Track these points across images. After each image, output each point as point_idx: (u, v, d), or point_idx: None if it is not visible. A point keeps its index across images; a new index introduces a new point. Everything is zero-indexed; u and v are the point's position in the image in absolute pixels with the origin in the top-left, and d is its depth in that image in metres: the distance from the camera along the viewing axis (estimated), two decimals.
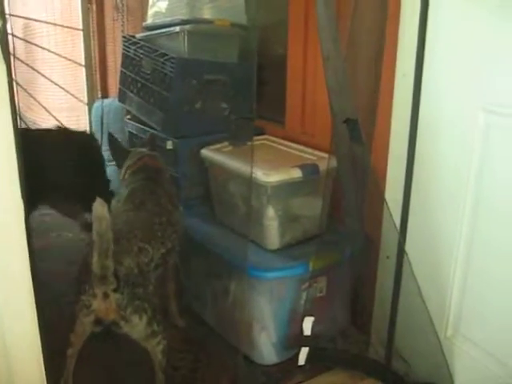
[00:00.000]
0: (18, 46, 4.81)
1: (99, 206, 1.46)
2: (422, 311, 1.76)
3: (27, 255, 1.10)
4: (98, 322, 1.63)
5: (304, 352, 1.89)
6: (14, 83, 3.38)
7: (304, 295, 1.96)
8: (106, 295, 1.57)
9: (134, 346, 1.72)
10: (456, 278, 1.71)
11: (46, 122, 4.81)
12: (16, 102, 1.12)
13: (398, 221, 1.81)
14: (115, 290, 1.57)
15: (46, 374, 1.18)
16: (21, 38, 4.69)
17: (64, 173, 2.37)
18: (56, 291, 2.14)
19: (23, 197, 1.07)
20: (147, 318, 1.65)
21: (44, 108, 4.64)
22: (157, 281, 1.81)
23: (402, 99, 1.76)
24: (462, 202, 1.65)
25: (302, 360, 1.89)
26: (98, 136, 3.59)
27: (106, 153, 3.42)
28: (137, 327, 1.65)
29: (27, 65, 4.51)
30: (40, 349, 1.17)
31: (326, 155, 2.05)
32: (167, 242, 1.89)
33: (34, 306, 1.14)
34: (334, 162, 1.93)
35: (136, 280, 1.65)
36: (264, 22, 2.52)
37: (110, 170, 2.64)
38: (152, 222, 1.87)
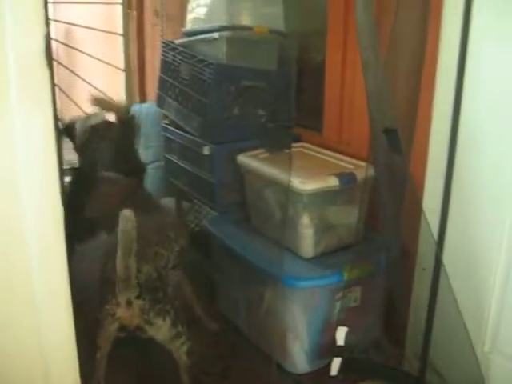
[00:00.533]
0: (59, 51, 4.90)
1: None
2: (458, 325, 1.72)
3: (65, 262, 1.11)
4: (122, 328, 1.66)
5: (336, 362, 1.87)
6: (56, 88, 3.44)
7: (338, 305, 1.94)
8: (129, 302, 1.60)
9: (162, 350, 1.74)
10: (495, 292, 1.67)
11: None
12: (57, 105, 1.14)
13: (435, 232, 1.78)
14: (138, 297, 1.60)
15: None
16: (62, 43, 4.77)
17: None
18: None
19: (63, 203, 1.08)
20: (170, 319, 1.68)
21: (83, 111, 4.70)
22: (175, 281, 1.84)
23: (443, 107, 1.73)
24: (503, 213, 1.61)
25: (334, 370, 1.88)
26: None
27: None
28: (161, 329, 1.68)
29: (68, 69, 4.58)
30: (76, 356, 1.18)
31: (363, 164, 2.03)
32: (180, 240, 1.92)
33: (71, 313, 1.15)
34: (371, 171, 1.91)
35: (156, 284, 1.69)
36: (303, 29, 2.51)
37: None
38: (162, 224, 1.90)
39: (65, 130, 2.57)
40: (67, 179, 2.74)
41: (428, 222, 1.78)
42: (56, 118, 1.09)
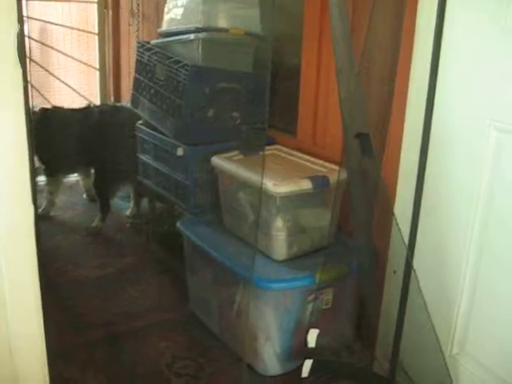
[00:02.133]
0: (33, 49, 4.85)
1: None
2: (427, 327, 1.75)
3: (36, 258, 1.11)
4: None
5: (308, 364, 1.88)
6: (29, 85, 3.43)
7: (309, 307, 1.95)
8: None
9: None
10: (463, 295, 1.70)
11: None
12: (30, 103, 1.13)
13: (406, 236, 1.81)
14: None
15: (50, 376, 1.18)
16: (37, 41, 4.72)
17: None
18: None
19: (34, 202, 1.08)
20: None
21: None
22: None
23: (415, 114, 1.76)
24: (472, 218, 1.64)
25: (305, 372, 1.88)
26: None
27: None
28: None
29: (42, 67, 4.53)
30: (44, 351, 1.17)
31: (336, 167, 2.04)
32: None
33: (40, 308, 1.14)
34: (344, 175, 1.92)
35: None
36: (278, 32, 2.52)
37: None
38: None
39: None
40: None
41: (399, 226, 1.80)
42: (29, 116, 1.08)
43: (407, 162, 1.82)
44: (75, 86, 4.62)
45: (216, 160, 2.25)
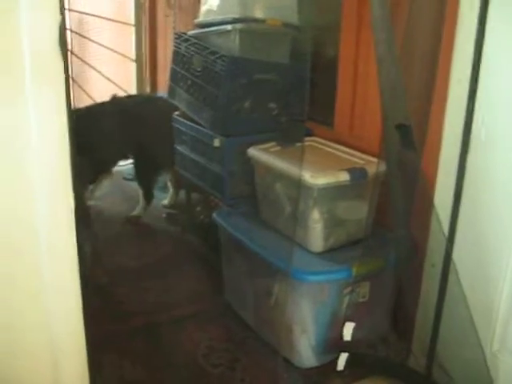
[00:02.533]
0: (71, 40, 4.91)
1: None
2: (467, 322, 1.72)
3: (75, 248, 1.11)
4: None
5: (343, 357, 1.87)
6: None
7: (346, 300, 1.94)
8: None
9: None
10: (504, 289, 1.66)
11: None
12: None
13: (446, 229, 1.78)
14: None
15: (89, 363, 1.20)
16: (75, 32, 4.78)
17: None
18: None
19: (75, 192, 1.08)
20: None
21: (93, 101, 4.72)
22: None
23: (456, 105, 1.72)
24: None
25: (340, 365, 1.88)
26: None
27: None
28: None
29: (80, 59, 4.59)
30: (84, 338, 1.18)
31: (374, 159, 2.02)
32: None
33: (79, 296, 1.15)
34: (382, 167, 1.91)
35: None
36: (316, 23, 2.50)
37: None
38: None
39: None
40: None
41: (439, 218, 1.77)
42: (70, 108, 1.08)
43: (448, 154, 1.78)
44: (112, 77, 4.67)
45: (252, 151, 2.24)
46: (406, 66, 1.84)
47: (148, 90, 4.27)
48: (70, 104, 1.09)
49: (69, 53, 4.39)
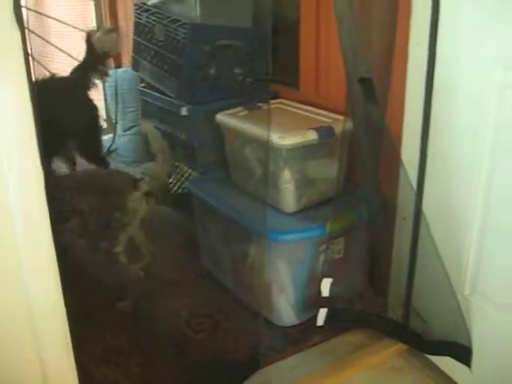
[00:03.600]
0: (29, 18, 4.79)
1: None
2: (439, 271, 1.76)
3: (51, 236, 1.11)
4: None
5: (322, 313, 1.91)
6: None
7: (322, 257, 1.97)
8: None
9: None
10: (473, 236, 1.70)
11: None
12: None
13: (414, 182, 1.80)
14: None
15: (71, 335, 1.20)
16: (31, 9, 4.67)
17: None
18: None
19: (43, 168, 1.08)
20: None
21: None
22: None
23: (417, 59, 1.73)
24: (479, 161, 1.63)
25: (320, 321, 1.92)
26: (112, 106, 3.62)
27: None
28: None
29: (38, 35, 4.49)
30: (64, 312, 1.19)
31: (341, 117, 2.04)
32: None
33: (57, 270, 1.15)
34: (349, 124, 1.92)
35: None
36: None
37: None
38: None
39: None
40: None
41: (407, 173, 1.80)
42: (32, 85, 1.07)
43: (412, 108, 1.80)
44: (73, 53, 4.58)
45: (220, 117, 2.24)
46: (366, 22, 1.85)
47: (112, 64, 4.21)
48: (32, 81, 1.07)
49: (26, 31, 4.30)
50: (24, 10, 4.18)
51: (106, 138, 3.73)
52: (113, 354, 1.89)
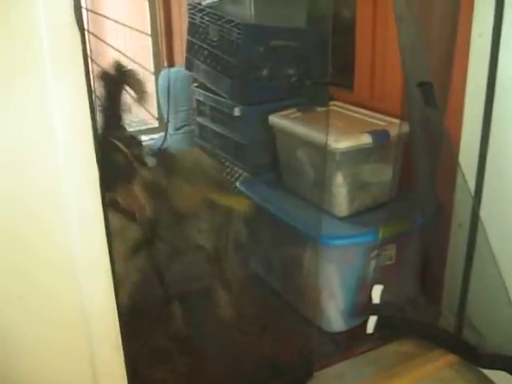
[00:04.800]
0: (87, 18, 4.89)
1: None
2: (496, 280, 1.70)
3: (104, 235, 1.12)
4: None
5: (372, 320, 1.88)
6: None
7: (373, 263, 1.94)
8: None
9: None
10: None
11: None
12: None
13: (472, 188, 1.75)
14: None
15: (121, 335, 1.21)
16: (87, 9, 4.76)
17: None
18: None
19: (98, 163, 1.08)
20: None
21: None
22: None
23: (479, 60, 1.68)
24: None
25: (370, 328, 1.89)
26: (164, 105, 3.65)
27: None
28: None
29: (95, 36, 4.57)
30: (118, 326, 1.19)
31: (396, 120, 2.00)
32: None
33: (111, 283, 1.16)
34: (405, 128, 1.88)
35: None
36: None
37: None
38: None
39: None
40: None
41: (465, 178, 1.75)
42: (90, 84, 1.07)
43: (472, 111, 1.74)
44: (128, 52, 4.65)
45: (273, 118, 2.23)
46: (426, 22, 1.80)
47: (165, 63, 4.25)
48: (90, 80, 1.07)
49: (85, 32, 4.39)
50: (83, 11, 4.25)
51: (157, 136, 3.77)
52: (162, 354, 1.89)
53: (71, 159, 1.05)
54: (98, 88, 2.01)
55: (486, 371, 1.79)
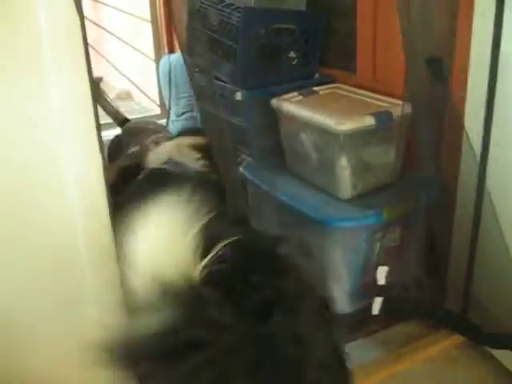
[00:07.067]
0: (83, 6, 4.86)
1: None
2: (503, 257, 1.70)
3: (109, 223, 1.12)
4: None
5: (378, 302, 1.88)
6: None
7: (377, 244, 1.94)
8: None
9: None
10: None
11: (115, 81, 4.91)
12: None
13: (476, 166, 1.74)
14: None
15: None
16: None
17: None
18: None
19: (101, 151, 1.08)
20: None
21: (114, 67, 4.70)
22: None
23: (482, 30, 1.64)
24: None
25: (375, 310, 1.89)
26: (165, 91, 3.64)
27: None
28: None
29: (95, 23, 4.56)
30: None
31: (399, 102, 1.99)
32: None
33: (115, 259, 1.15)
34: (407, 108, 1.87)
35: None
36: None
37: None
38: None
39: None
40: None
41: (472, 147, 1.71)
42: (90, 70, 1.07)
43: (476, 84, 1.72)
44: (128, 40, 4.64)
45: (276, 102, 2.22)
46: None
47: (165, 50, 4.23)
48: (90, 66, 1.07)
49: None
50: None
51: (160, 122, 3.76)
52: None
53: (73, 146, 1.04)
54: None
55: (493, 350, 1.80)
